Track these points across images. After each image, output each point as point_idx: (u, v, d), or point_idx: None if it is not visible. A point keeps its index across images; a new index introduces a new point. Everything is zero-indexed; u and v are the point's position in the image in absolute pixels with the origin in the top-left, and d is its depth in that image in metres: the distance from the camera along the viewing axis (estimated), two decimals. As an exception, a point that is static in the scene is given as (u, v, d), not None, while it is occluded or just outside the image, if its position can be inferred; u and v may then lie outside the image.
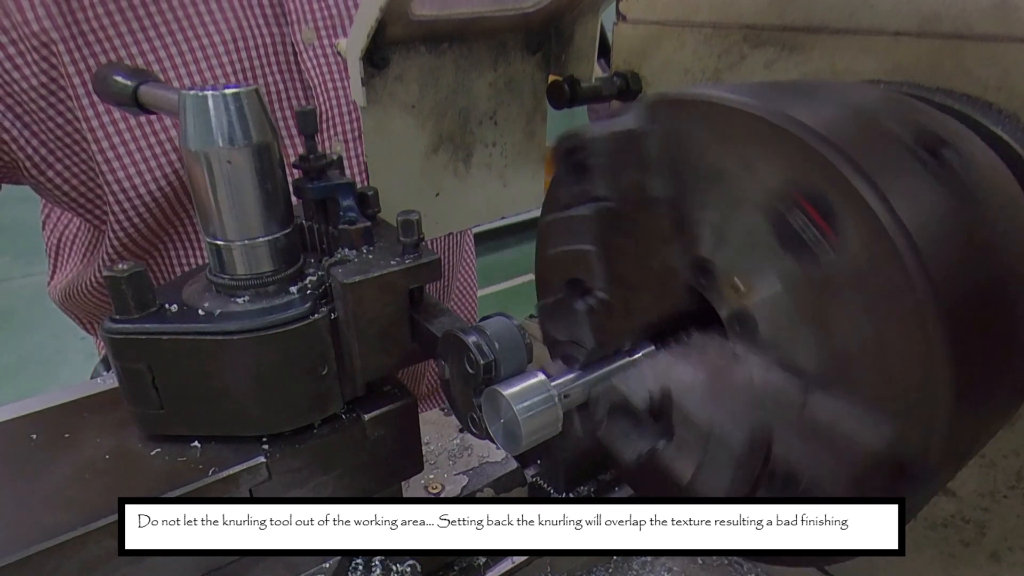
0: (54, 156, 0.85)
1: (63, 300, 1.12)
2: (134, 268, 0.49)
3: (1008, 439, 0.51)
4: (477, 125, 0.76)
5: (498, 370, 0.44)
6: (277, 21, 0.88)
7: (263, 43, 0.87)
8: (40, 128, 0.83)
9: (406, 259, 0.53)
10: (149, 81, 0.57)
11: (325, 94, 0.91)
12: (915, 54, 0.51)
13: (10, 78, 0.79)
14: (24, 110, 0.82)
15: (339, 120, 0.93)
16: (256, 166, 0.49)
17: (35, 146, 0.84)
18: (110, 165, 0.83)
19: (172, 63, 0.83)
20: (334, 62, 0.91)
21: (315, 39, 0.90)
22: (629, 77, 0.71)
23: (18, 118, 0.82)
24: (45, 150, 0.85)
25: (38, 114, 0.82)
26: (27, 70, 0.79)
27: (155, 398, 0.51)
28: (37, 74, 0.79)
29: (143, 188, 0.85)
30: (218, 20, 0.85)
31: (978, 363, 0.36)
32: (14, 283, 4.22)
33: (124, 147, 0.83)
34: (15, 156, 0.85)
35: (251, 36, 0.86)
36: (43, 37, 0.77)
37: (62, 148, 0.85)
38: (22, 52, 0.78)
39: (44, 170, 0.86)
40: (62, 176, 0.87)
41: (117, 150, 0.83)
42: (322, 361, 0.53)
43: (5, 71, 0.78)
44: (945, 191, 0.36)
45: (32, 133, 0.83)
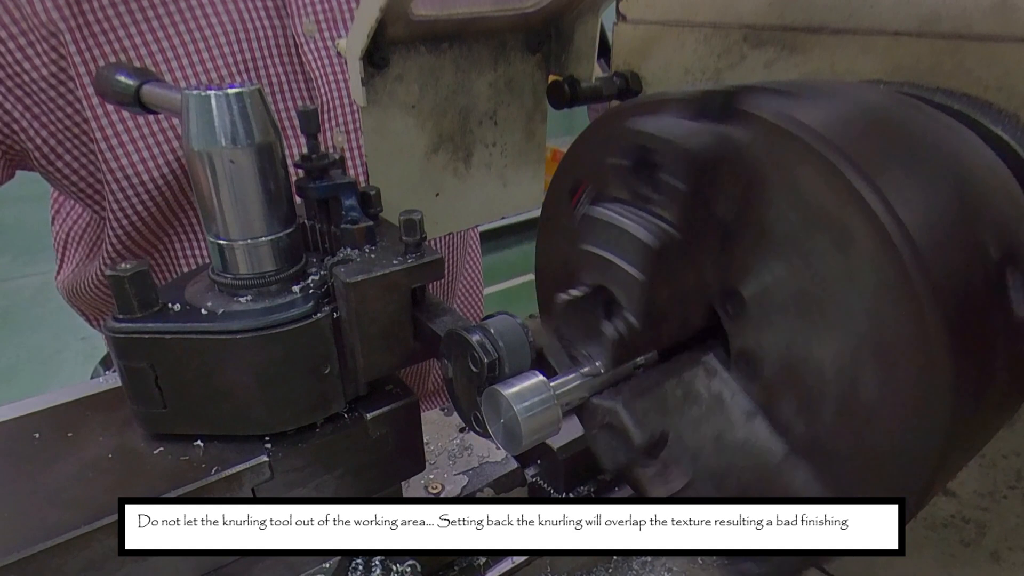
0: (63, 147, 0.87)
1: (69, 295, 1.14)
2: (137, 267, 0.49)
3: (1008, 439, 0.51)
4: (477, 125, 0.76)
5: (502, 368, 0.44)
6: (278, 13, 0.89)
7: (264, 35, 0.88)
8: (49, 119, 0.84)
9: (408, 258, 0.53)
10: (151, 80, 0.57)
11: (326, 86, 0.91)
12: (915, 54, 0.51)
13: (20, 69, 0.80)
14: (34, 101, 0.83)
15: (340, 112, 0.94)
16: (259, 166, 0.49)
17: (44, 136, 0.85)
18: (113, 153, 0.84)
19: (175, 53, 0.84)
20: (335, 54, 0.92)
21: (316, 32, 0.90)
22: (629, 77, 0.71)
23: (28, 109, 0.83)
24: (54, 140, 0.86)
25: (47, 104, 0.83)
26: (36, 60, 0.80)
27: (158, 397, 0.51)
28: (47, 64, 0.80)
29: (145, 176, 0.86)
30: (220, 12, 0.85)
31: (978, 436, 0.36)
32: (14, 283, 4.21)
33: (127, 134, 0.84)
34: (25, 146, 0.86)
35: (252, 28, 0.87)
36: (51, 27, 0.78)
37: (71, 139, 0.86)
38: (32, 43, 0.79)
39: (53, 160, 0.88)
40: (71, 167, 0.89)
41: (120, 137, 0.84)
42: (324, 360, 0.53)
43: (16, 62, 0.80)
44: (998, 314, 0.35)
45: (41, 124, 0.85)
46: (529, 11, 0.71)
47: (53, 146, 0.86)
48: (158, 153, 0.86)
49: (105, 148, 0.84)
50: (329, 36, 0.91)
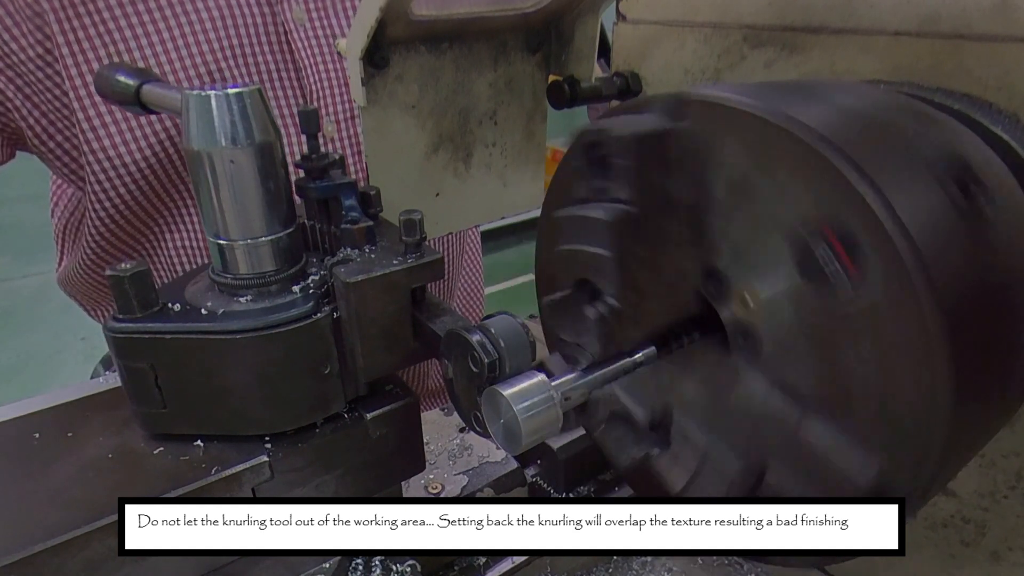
0: (54, 127, 0.87)
1: (64, 284, 1.14)
2: (137, 267, 0.49)
3: (1008, 439, 0.51)
4: (477, 125, 0.76)
5: (503, 368, 0.44)
6: (268, 0, 0.88)
7: (254, 22, 0.88)
8: (40, 99, 0.85)
9: (408, 258, 0.53)
10: (151, 80, 0.57)
11: (316, 75, 0.91)
12: (915, 54, 0.51)
13: (9, 49, 0.81)
14: (24, 82, 0.84)
15: (330, 100, 0.93)
16: (259, 166, 0.49)
17: (36, 116, 0.86)
18: (96, 134, 0.84)
19: (161, 38, 0.83)
20: (325, 42, 0.92)
21: (306, 19, 0.90)
22: (629, 77, 0.71)
23: (19, 89, 0.84)
24: (45, 121, 0.87)
25: (36, 85, 0.84)
26: (23, 41, 0.81)
27: (158, 397, 0.51)
28: (33, 45, 0.81)
29: (128, 158, 0.86)
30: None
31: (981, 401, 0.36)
32: (14, 283, 4.21)
33: (110, 115, 0.84)
34: (18, 125, 0.87)
35: (242, 15, 0.87)
36: (36, 7, 0.79)
37: (61, 119, 0.87)
38: (18, 24, 0.80)
39: (45, 140, 0.88)
40: (62, 147, 0.89)
41: (103, 119, 0.84)
42: (324, 360, 0.53)
43: (4, 43, 0.80)
44: (971, 233, 0.36)
45: (33, 104, 0.85)
46: (529, 11, 0.71)
47: (45, 126, 0.87)
48: (140, 136, 0.85)
49: (87, 129, 0.84)
50: (320, 24, 0.91)
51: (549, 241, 0.52)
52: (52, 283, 1.20)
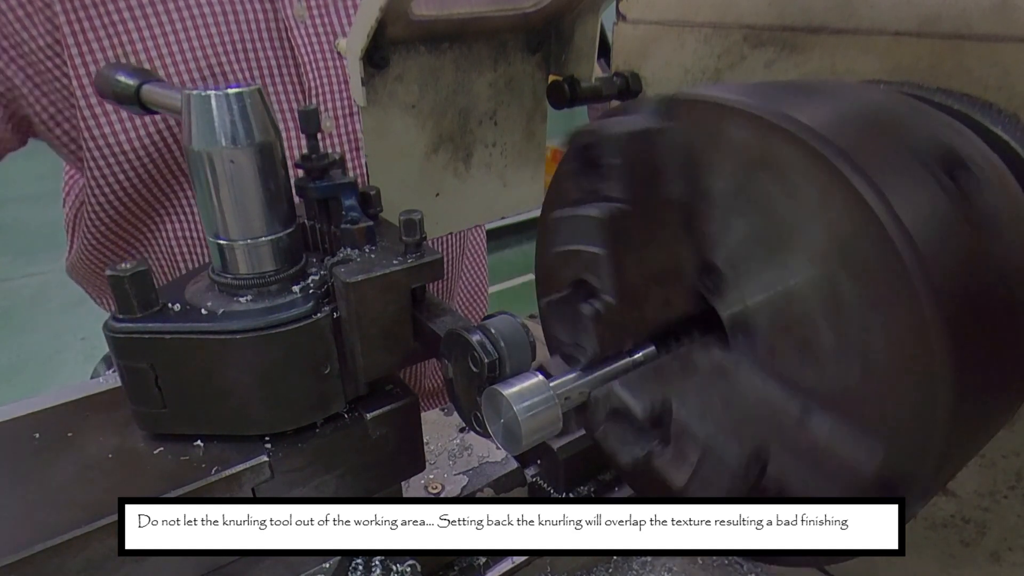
0: (62, 115, 0.89)
1: (72, 271, 1.16)
2: (137, 267, 0.49)
3: (1008, 439, 0.51)
4: (477, 125, 0.76)
5: (503, 368, 0.44)
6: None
7: (255, 18, 0.89)
8: (49, 88, 0.87)
9: (408, 258, 0.53)
10: (151, 80, 0.57)
11: (316, 71, 0.92)
12: (915, 54, 0.51)
13: (20, 39, 0.83)
14: (35, 71, 0.86)
15: (329, 97, 0.94)
16: (259, 165, 0.49)
17: (44, 104, 0.88)
18: (96, 121, 0.86)
19: (162, 31, 0.85)
20: (325, 39, 0.92)
21: (306, 16, 0.91)
22: (629, 77, 0.71)
23: (29, 78, 0.86)
24: (53, 108, 0.89)
25: (46, 75, 0.86)
26: (34, 31, 0.83)
27: (158, 397, 0.51)
28: (43, 34, 0.83)
29: (127, 145, 0.87)
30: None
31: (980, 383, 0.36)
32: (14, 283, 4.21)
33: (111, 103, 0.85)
34: (27, 112, 0.89)
35: (243, 11, 0.88)
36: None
37: (69, 108, 0.88)
38: (29, 14, 0.82)
39: (52, 128, 0.90)
40: (69, 135, 0.91)
41: (105, 106, 0.85)
42: (324, 360, 0.53)
43: (15, 32, 0.83)
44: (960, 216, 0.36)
45: (42, 92, 0.87)
46: (529, 11, 0.71)
47: (52, 114, 0.89)
48: (139, 124, 0.87)
49: (88, 116, 0.85)
50: (320, 21, 0.92)
51: (547, 242, 0.52)
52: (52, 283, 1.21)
